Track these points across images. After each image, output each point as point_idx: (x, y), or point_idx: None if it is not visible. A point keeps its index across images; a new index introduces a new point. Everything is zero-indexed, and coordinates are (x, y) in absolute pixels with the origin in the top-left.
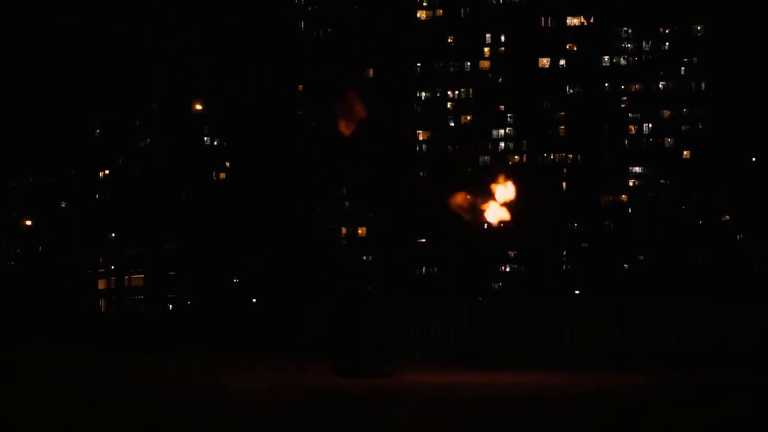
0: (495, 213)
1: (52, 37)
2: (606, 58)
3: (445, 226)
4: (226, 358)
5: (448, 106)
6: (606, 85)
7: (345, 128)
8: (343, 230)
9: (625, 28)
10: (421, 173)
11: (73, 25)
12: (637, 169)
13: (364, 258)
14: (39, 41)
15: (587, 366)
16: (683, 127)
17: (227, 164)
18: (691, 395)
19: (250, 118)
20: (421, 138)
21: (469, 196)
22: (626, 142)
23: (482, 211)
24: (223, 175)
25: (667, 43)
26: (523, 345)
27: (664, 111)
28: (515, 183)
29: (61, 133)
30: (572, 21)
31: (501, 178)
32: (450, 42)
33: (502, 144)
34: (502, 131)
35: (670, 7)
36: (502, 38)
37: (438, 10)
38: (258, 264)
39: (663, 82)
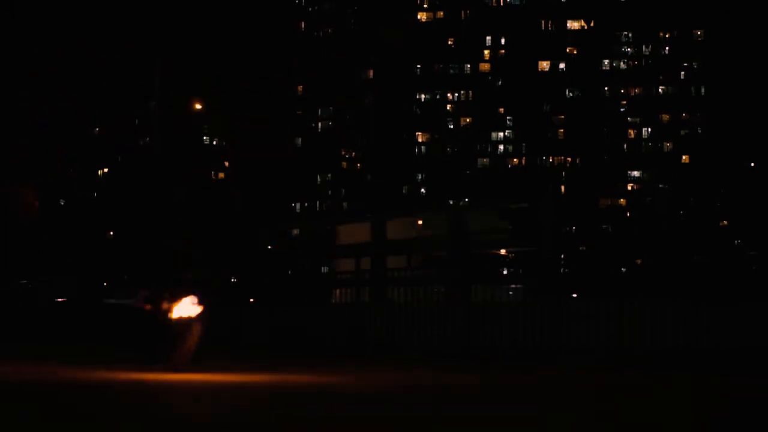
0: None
1: (51, 35)
2: (606, 61)
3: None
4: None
5: (448, 108)
6: (606, 88)
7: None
8: None
9: (625, 32)
10: (420, 175)
11: (72, 23)
12: (636, 173)
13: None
14: (38, 39)
15: (570, 366)
16: (682, 132)
17: (226, 164)
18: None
19: (249, 118)
20: (420, 140)
21: None
22: (625, 146)
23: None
24: (222, 175)
25: (667, 48)
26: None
27: (664, 115)
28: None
29: (59, 131)
30: (572, 24)
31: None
32: (450, 44)
33: (501, 146)
34: (501, 134)
35: (671, 11)
36: (502, 41)
37: (438, 12)
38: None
39: (662, 87)
